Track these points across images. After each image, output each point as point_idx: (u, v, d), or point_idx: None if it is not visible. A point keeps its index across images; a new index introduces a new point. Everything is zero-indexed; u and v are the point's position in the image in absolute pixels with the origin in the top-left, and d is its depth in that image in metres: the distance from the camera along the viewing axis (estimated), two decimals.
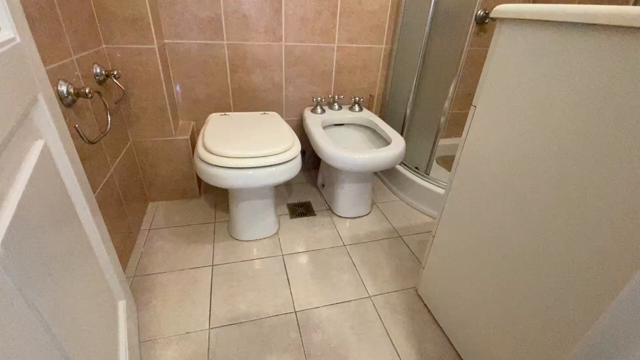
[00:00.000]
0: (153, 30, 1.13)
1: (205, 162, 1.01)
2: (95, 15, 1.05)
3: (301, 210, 1.45)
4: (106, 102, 0.95)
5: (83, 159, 0.86)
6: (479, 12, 1.58)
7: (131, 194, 1.22)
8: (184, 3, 1.25)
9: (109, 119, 0.95)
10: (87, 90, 0.82)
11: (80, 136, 0.80)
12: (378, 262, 1.18)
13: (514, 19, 0.59)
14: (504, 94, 0.63)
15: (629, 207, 0.43)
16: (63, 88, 0.80)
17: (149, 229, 1.28)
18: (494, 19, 0.64)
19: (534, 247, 0.59)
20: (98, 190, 0.94)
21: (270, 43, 1.41)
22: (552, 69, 0.53)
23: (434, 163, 1.87)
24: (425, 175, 1.49)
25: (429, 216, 1.46)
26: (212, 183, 1.02)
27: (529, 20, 0.56)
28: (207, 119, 1.32)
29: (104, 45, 1.10)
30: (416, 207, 1.50)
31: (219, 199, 1.50)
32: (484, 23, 1.63)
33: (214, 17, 1.30)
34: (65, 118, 0.78)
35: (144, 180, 1.39)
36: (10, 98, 0.43)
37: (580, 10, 0.47)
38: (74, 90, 0.82)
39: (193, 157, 1.33)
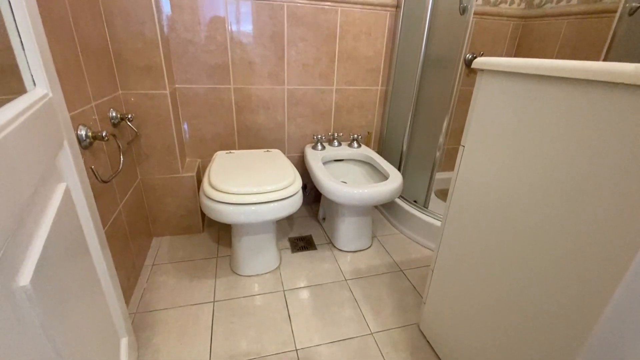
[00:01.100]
0: (166, 77, 1.23)
1: (210, 198, 1.05)
2: (114, 65, 1.16)
3: (302, 244, 1.47)
4: (120, 144, 1.02)
5: (95, 197, 0.91)
6: (468, 55, 1.71)
7: (137, 229, 1.25)
8: (194, 53, 1.36)
9: (122, 159, 1.01)
10: (103, 134, 0.89)
11: (95, 176, 0.86)
12: (380, 297, 1.17)
13: (492, 71, 0.66)
14: (488, 136, 0.69)
15: (605, 233, 0.46)
16: (82, 132, 0.86)
17: (152, 264, 1.30)
18: (475, 70, 0.71)
19: (530, 278, 0.61)
20: (107, 226, 0.97)
21: (273, 86, 1.52)
22: (526, 114, 0.59)
23: (433, 196, 1.91)
24: (424, 208, 1.53)
25: (429, 249, 1.47)
26: (217, 219, 1.06)
27: (503, 72, 0.63)
28: (213, 156, 1.38)
29: (120, 92, 1.19)
30: (416, 240, 1.52)
31: (222, 233, 1.53)
32: None
33: (222, 64, 1.41)
34: (83, 159, 0.84)
35: (150, 216, 1.43)
36: (43, 147, 0.48)
37: (546, 65, 0.53)
38: (92, 133, 0.88)
39: (199, 194, 1.38)
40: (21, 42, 0.54)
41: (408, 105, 1.54)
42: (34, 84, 0.55)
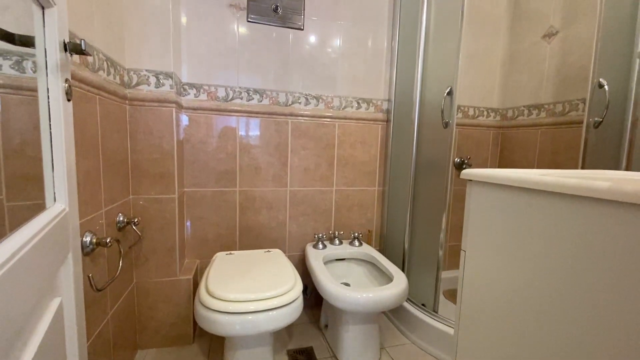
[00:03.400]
0: (176, 183, 1.31)
1: (205, 307, 1.00)
2: (130, 173, 1.25)
3: (302, 358, 1.32)
4: (121, 249, 1.02)
5: (86, 306, 0.86)
6: (456, 159, 1.85)
7: (122, 341, 1.14)
8: (205, 160, 1.49)
9: (120, 264, 1.00)
10: (107, 240, 0.90)
11: (91, 285, 0.83)
12: None
13: (479, 181, 0.71)
14: (485, 240, 0.70)
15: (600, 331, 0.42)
16: (88, 239, 0.88)
17: None
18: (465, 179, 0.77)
19: None
20: (91, 339, 0.90)
21: (277, 188, 1.60)
22: (514, 220, 0.61)
23: (442, 297, 1.80)
24: (434, 313, 1.42)
25: None
26: (210, 331, 0.98)
27: (489, 183, 0.68)
28: (213, 258, 1.37)
29: (131, 196, 1.26)
30: (429, 351, 1.37)
31: (214, 345, 1.39)
32: (462, 168, 1.87)
33: (230, 169, 1.53)
34: (82, 268, 0.83)
35: (138, 324, 1.32)
36: (49, 263, 0.49)
37: (529, 178, 0.58)
38: (96, 240, 0.90)
39: (194, 300, 1.31)
40: (52, 162, 0.60)
41: (405, 205, 1.59)
42: (54, 200, 0.59)
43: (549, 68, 1.62)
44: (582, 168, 1.17)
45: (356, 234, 1.64)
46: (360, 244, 1.63)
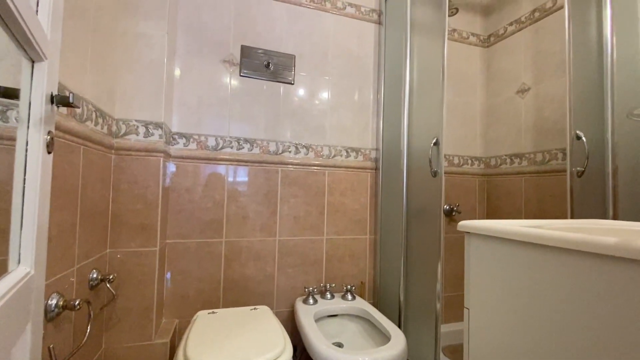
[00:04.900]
0: (159, 234, 1.24)
1: None
2: (110, 225, 1.18)
3: None
4: (91, 312, 0.92)
5: None
6: (445, 206, 1.86)
7: None
8: (191, 210, 1.44)
9: (89, 330, 0.89)
10: (76, 303, 0.81)
11: (51, 358, 0.73)
12: None
13: (478, 234, 0.69)
14: (488, 296, 0.66)
15: None
16: (53, 302, 0.79)
17: None
18: (462, 231, 0.75)
19: None
20: None
21: (265, 238, 1.54)
22: (518, 276, 0.58)
23: (441, 355, 1.67)
24: None
25: None
26: None
27: (486, 235, 0.66)
28: (194, 317, 1.25)
29: (107, 250, 1.17)
30: None
31: None
32: (452, 215, 1.88)
33: (216, 219, 1.47)
34: (42, 337, 0.73)
35: None
36: (2, 339, 0.42)
37: (526, 232, 0.57)
38: (63, 302, 0.80)
39: None
40: (22, 220, 0.55)
41: (399, 254, 1.54)
42: (19, 262, 0.53)
43: (526, 120, 1.72)
44: (572, 217, 1.18)
45: (349, 287, 1.56)
46: (354, 298, 1.54)
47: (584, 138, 1.14)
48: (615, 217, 1.13)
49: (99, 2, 1.00)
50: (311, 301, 1.48)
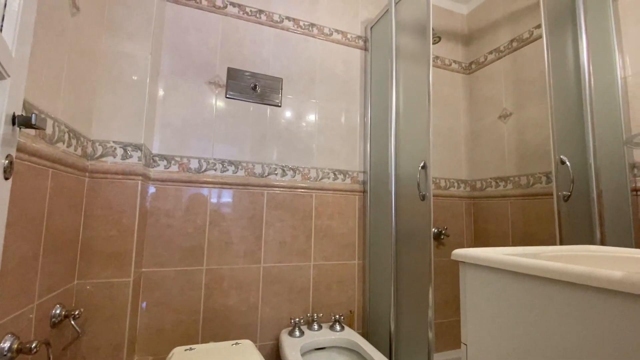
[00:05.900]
0: (133, 263, 1.15)
1: None
2: (79, 254, 1.09)
3: None
4: (51, 355, 0.81)
5: None
6: (434, 230, 1.84)
7: None
8: (170, 236, 1.35)
9: None
10: (32, 346, 0.71)
11: None
12: None
13: (472, 264, 0.66)
14: (487, 330, 0.62)
15: None
16: (7, 344, 0.69)
17: None
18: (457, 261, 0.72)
19: None
20: None
21: (249, 265, 1.46)
22: (517, 309, 0.55)
23: None
24: None
25: None
26: None
27: (480, 265, 0.63)
28: (170, 355, 1.14)
29: (75, 282, 1.07)
30: None
31: None
32: (440, 238, 1.86)
33: (197, 245, 1.39)
34: None
35: None
36: None
37: (524, 263, 0.54)
38: (17, 346, 0.71)
39: None
40: None
41: (388, 279, 1.49)
42: None
43: (509, 144, 1.75)
44: (560, 241, 1.17)
45: (337, 316, 1.49)
46: (342, 328, 1.46)
47: (568, 163, 1.16)
48: (602, 241, 1.13)
49: (78, 21, 0.97)
50: (297, 333, 1.39)
